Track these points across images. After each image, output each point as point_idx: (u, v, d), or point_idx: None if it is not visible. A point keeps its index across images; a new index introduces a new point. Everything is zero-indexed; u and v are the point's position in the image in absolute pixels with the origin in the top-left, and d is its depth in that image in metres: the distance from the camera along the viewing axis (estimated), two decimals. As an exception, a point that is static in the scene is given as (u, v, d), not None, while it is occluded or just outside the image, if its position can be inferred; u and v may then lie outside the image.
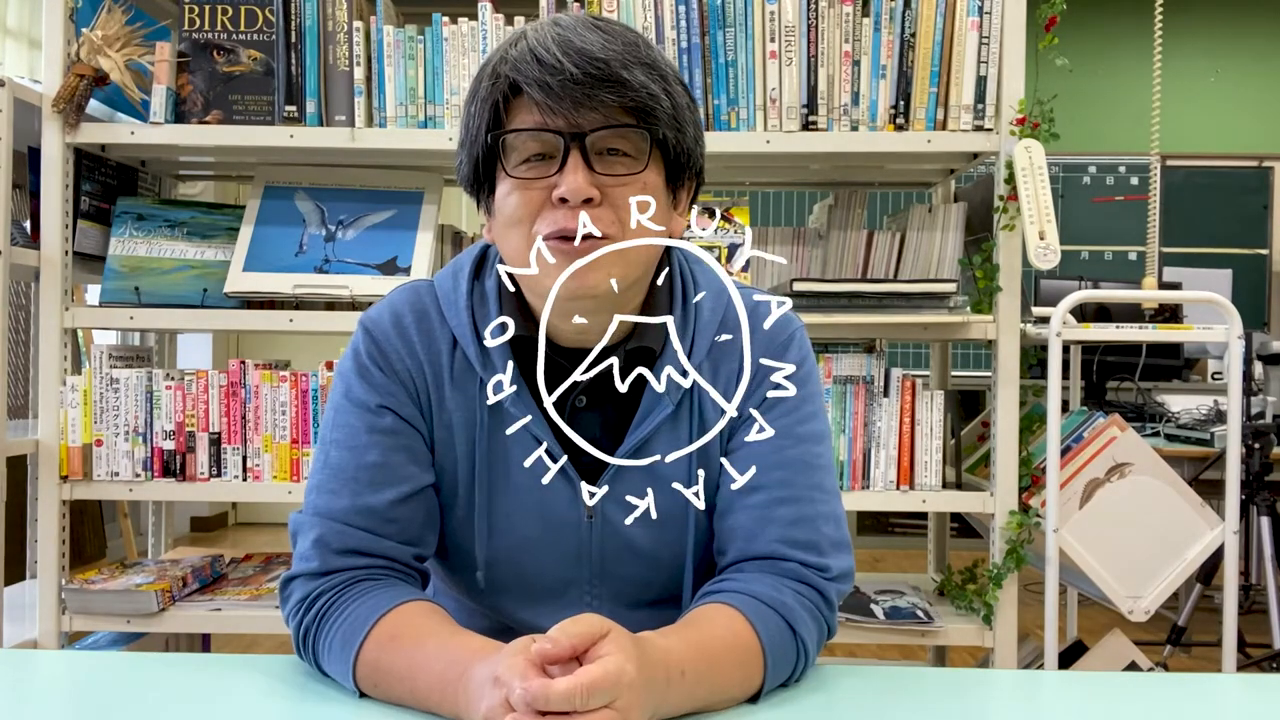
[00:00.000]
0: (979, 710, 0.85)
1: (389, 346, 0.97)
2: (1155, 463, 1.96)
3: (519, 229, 0.89)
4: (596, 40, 0.86)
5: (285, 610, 0.93)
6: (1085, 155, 5.29)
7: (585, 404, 0.96)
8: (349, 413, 0.97)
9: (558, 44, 0.85)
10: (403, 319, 0.98)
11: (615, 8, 1.93)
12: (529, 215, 0.88)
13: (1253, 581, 3.50)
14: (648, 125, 0.88)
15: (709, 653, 0.82)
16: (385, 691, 0.83)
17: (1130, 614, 1.94)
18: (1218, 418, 3.13)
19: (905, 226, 2.11)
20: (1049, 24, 1.93)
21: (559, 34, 0.86)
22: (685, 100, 0.92)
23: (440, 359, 0.97)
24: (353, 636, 0.85)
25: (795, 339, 1.01)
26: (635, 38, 0.89)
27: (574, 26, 0.87)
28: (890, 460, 1.97)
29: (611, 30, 0.88)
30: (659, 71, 0.89)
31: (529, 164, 0.89)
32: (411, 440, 0.97)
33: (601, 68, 0.85)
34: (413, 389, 0.97)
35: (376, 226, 2.04)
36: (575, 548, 0.98)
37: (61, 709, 0.83)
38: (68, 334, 1.98)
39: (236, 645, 3.10)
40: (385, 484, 0.94)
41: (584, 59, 0.85)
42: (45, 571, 1.96)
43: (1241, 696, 0.90)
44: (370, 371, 0.97)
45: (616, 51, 0.86)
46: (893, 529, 5.28)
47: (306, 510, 0.96)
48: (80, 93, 1.91)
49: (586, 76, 0.84)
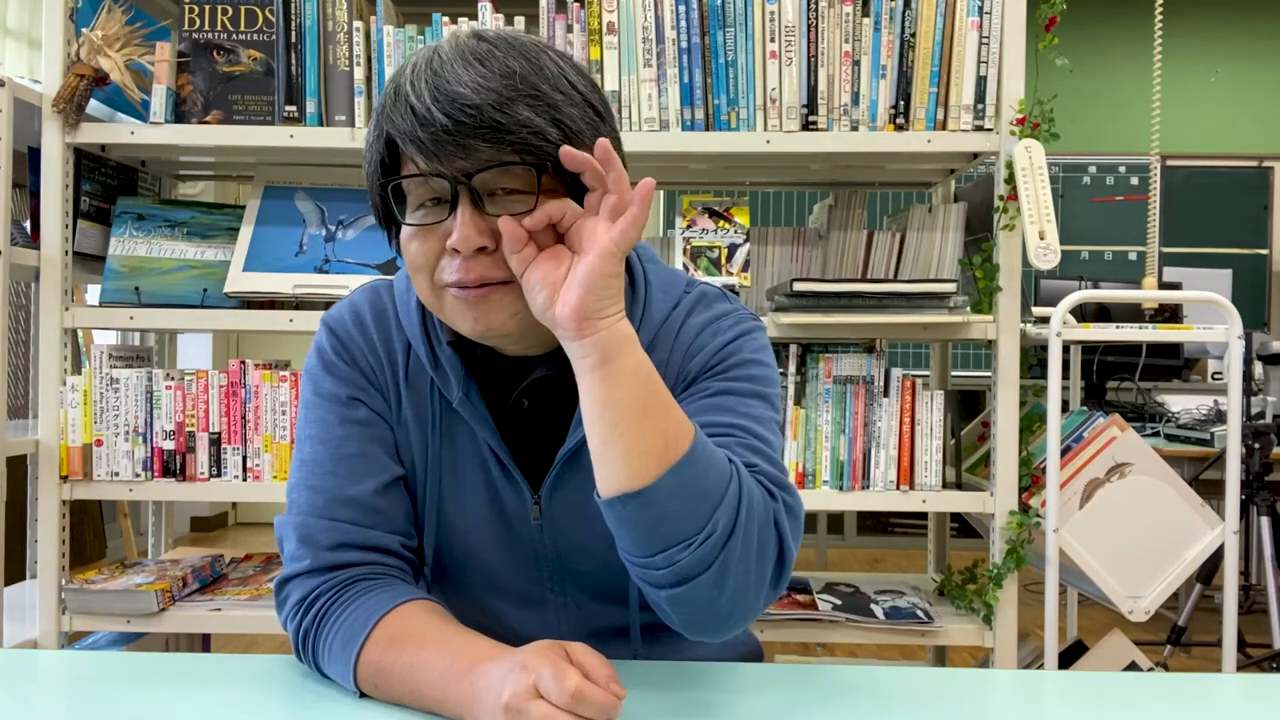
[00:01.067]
0: (979, 710, 0.85)
1: (352, 343, 0.98)
2: (1155, 463, 1.96)
3: (422, 275, 0.88)
4: (470, 80, 0.81)
5: (282, 614, 0.93)
6: (1085, 155, 5.29)
7: (528, 405, 0.96)
8: (320, 408, 0.97)
9: (430, 89, 0.82)
10: (363, 317, 0.99)
11: (615, 8, 1.94)
12: (429, 264, 0.87)
13: (1253, 581, 3.50)
14: (536, 161, 0.83)
15: (661, 394, 0.80)
16: (386, 692, 0.83)
17: (1130, 614, 1.94)
18: (1218, 418, 3.13)
19: (905, 226, 2.11)
20: (1049, 24, 1.93)
21: (431, 76, 0.83)
22: (588, 117, 0.86)
23: (396, 358, 0.98)
24: (353, 638, 0.85)
25: (725, 324, 0.97)
26: (516, 65, 0.83)
27: (451, 62, 0.83)
28: (890, 460, 1.97)
29: (491, 60, 0.83)
30: (545, 99, 0.83)
31: (424, 209, 0.86)
32: (384, 431, 0.97)
33: (473, 114, 0.80)
34: (379, 383, 0.98)
35: (376, 227, 2.03)
36: (531, 549, 0.98)
37: (61, 709, 0.83)
38: (68, 334, 1.98)
39: (236, 645, 3.10)
40: (366, 474, 0.94)
41: (455, 107, 0.81)
42: (45, 571, 1.96)
43: (1241, 696, 0.90)
44: (337, 366, 0.98)
45: (493, 90, 0.81)
46: (893, 529, 5.28)
47: (290, 510, 0.96)
48: (80, 93, 1.91)
49: (459, 125, 0.80)
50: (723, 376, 0.94)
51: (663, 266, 1.03)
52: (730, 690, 0.86)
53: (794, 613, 1.98)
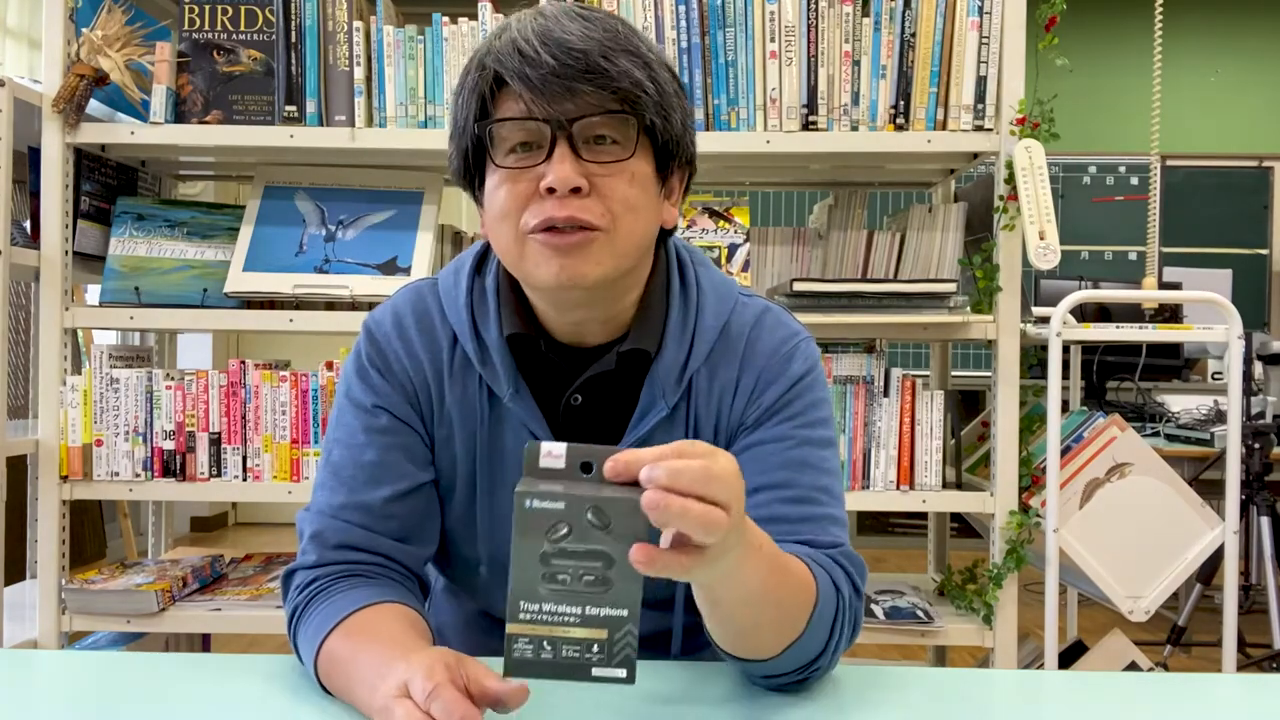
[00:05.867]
0: (979, 710, 0.85)
1: (388, 348, 0.98)
2: (1155, 463, 1.96)
3: (508, 221, 0.89)
4: (576, 30, 0.85)
5: (284, 600, 0.95)
6: (1085, 155, 5.29)
7: (580, 402, 0.96)
8: (349, 412, 0.98)
9: (538, 35, 0.85)
10: (404, 320, 0.99)
11: (615, 7, 1.93)
12: (517, 207, 0.88)
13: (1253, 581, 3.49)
14: (633, 111, 0.87)
15: (780, 558, 0.80)
16: (331, 683, 0.83)
17: (1130, 614, 1.94)
18: (1218, 418, 3.13)
19: (905, 226, 2.11)
20: (1049, 24, 1.94)
21: (540, 25, 0.86)
22: (673, 87, 0.91)
23: (441, 356, 0.98)
24: (323, 626, 0.85)
25: (800, 350, 0.99)
26: (618, 25, 0.88)
27: (556, 17, 0.87)
28: (890, 460, 1.97)
29: (593, 19, 0.87)
30: (643, 58, 0.88)
31: (516, 154, 0.88)
32: (409, 439, 0.97)
33: (580, 58, 0.84)
34: (410, 389, 0.98)
35: (376, 226, 2.04)
36: None
37: (61, 709, 0.83)
38: (68, 334, 1.98)
39: (236, 645, 3.10)
40: (382, 481, 0.95)
41: (563, 50, 0.84)
42: (45, 571, 1.96)
43: (1241, 696, 0.90)
44: (368, 373, 0.98)
45: (597, 40, 0.85)
46: (893, 529, 5.28)
47: (311, 507, 0.97)
48: (80, 93, 1.91)
49: (566, 68, 0.84)
50: (801, 421, 0.96)
51: (714, 271, 1.03)
52: (730, 689, 0.86)
53: (794, 613, 1.98)
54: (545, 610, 0.66)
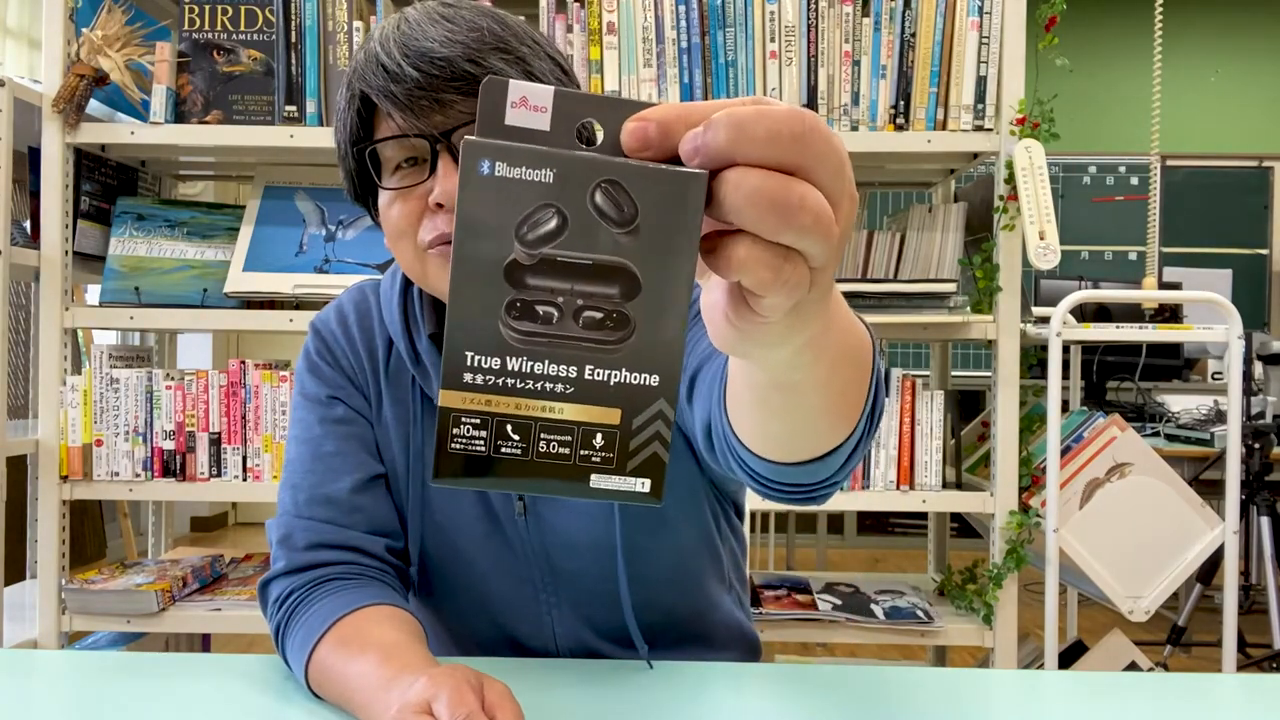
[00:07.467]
0: (979, 710, 0.85)
1: (335, 344, 0.99)
2: (1155, 463, 1.96)
3: (405, 240, 0.87)
4: (439, 35, 0.82)
5: (265, 614, 0.94)
6: (1085, 155, 5.29)
7: None
8: (303, 408, 0.98)
9: (399, 47, 0.82)
10: (347, 317, 1.00)
11: (615, 8, 1.93)
12: (411, 225, 0.86)
13: (1253, 581, 3.50)
14: None
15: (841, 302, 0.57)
16: (327, 693, 0.82)
17: (1130, 614, 1.94)
18: (1218, 418, 3.13)
19: (905, 226, 2.11)
20: (1049, 24, 1.93)
21: (401, 35, 0.83)
22: (556, 71, 0.87)
23: (377, 355, 0.98)
24: (310, 636, 0.84)
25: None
26: (485, 21, 0.84)
27: (419, 22, 0.83)
28: (890, 460, 1.97)
29: (458, 19, 0.83)
30: (515, 53, 0.84)
31: (402, 171, 0.87)
32: (363, 429, 0.98)
33: (444, 66, 0.81)
34: (360, 381, 0.99)
35: (376, 227, 2.04)
36: (519, 547, 0.97)
37: (61, 709, 0.83)
38: (68, 334, 1.98)
39: (236, 645, 3.10)
40: (343, 472, 0.94)
41: (425, 60, 0.81)
42: (45, 571, 1.96)
43: (1241, 696, 0.90)
44: (319, 367, 0.99)
45: (461, 43, 0.82)
46: (893, 529, 5.28)
47: (277, 512, 0.96)
48: (80, 93, 1.91)
49: (431, 79, 0.81)
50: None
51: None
52: (730, 690, 0.86)
53: (794, 613, 1.99)
54: (509, 370, 0.39)
